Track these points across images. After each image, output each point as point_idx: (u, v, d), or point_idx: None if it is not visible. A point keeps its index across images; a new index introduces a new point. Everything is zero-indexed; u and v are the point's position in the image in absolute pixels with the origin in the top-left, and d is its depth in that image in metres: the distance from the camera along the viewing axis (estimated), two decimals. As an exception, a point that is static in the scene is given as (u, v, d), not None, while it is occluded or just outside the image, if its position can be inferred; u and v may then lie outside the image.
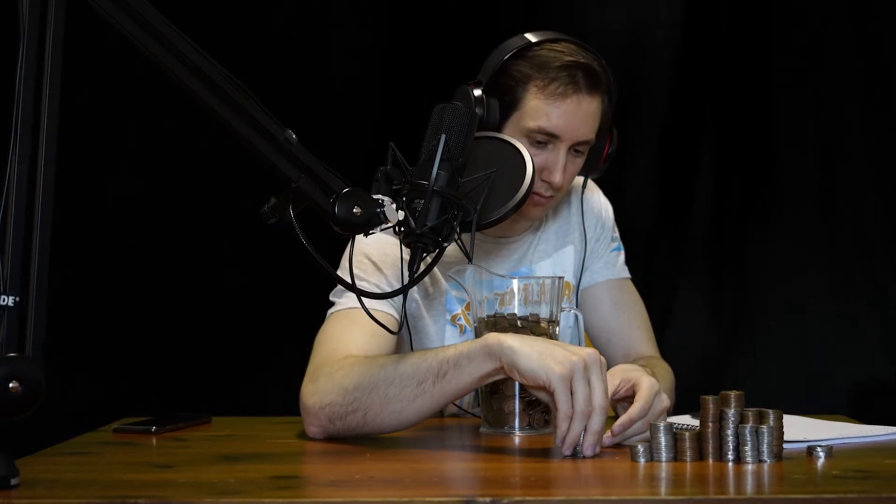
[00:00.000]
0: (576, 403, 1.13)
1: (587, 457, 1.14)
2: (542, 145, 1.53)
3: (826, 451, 1.15)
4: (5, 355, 0.93)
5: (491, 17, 2.60)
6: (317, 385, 1.32)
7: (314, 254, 1.13)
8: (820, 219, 2.73)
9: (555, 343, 1.21)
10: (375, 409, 1.26)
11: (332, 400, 1.29)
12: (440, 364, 1.22)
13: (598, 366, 1.15)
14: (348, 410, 1.27)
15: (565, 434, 1.14)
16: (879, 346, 2.69)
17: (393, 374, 1.25)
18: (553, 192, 1.56)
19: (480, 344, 1.20)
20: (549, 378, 1.14)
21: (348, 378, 1.29)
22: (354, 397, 1.27)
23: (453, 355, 1.22)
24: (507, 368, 1.18)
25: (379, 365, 1.28)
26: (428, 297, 1.60)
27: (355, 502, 0.96)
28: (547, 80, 1.50)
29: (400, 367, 1.26)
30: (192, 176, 2.59)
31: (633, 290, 1.75)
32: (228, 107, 1.10)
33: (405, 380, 1.24)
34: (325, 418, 1.29)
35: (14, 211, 0.95)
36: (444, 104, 1.25)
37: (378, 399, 1.25)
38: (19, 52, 0.96)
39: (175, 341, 2.57)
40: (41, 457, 1.21)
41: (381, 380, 1.26)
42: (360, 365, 1.30)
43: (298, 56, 2.65)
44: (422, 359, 1.25)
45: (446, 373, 1.22)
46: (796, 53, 2.74)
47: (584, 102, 1.52)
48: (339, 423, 1.29)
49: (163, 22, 1.06)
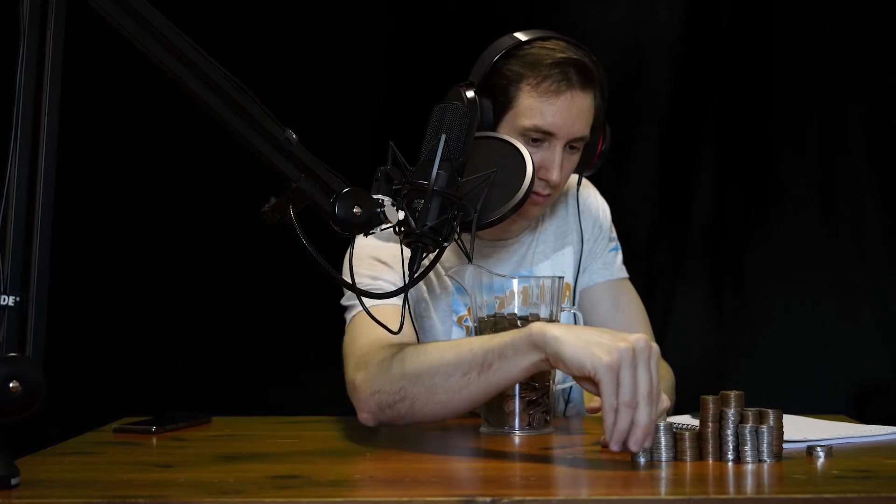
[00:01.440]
0: (621, 395, 1.07)
1: (635, 453, 1.08)
2: (537, 143, 1.53)
3: (826, 451, 1.15)
4: (5, 355, 0.93)
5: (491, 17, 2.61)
6: (367, 372, 1.31)
7: (314, 254, 1.13)
8: (820, 219, 2.73)
9: (602, 330, 1.14)
10: (422, 398, 1.24)
11: (380, 388, 1.27)
12: (485, 354, 1.19)
13: (648, 353, 1.09)
14: (396, 399, 1.26)
15: (612, 427, 1.08)
16: (879, 346, 2.69)
17: (439, 363, 1.23)
18: (550, 191, 1.56)
19: (525, 334, 1.16)
20: (594, 367, 1.08)
21: (395, 366, 1.27)
22: (401, 386, 1.25)
23: (499, 345, 1.18)
24: (551, 358, 1.13)
25: (425, 353, 1.26)
26: (435, 298, 1.60)
27: (355, 502, 0.96)
28: (540, 78, 1.50)
29: (446, 355, 1.23)
30: (193, 176, 2.59)
31: (631, 290, 1.75)
32: (228, 107, 1.10)
33: (450, 370, 1.22)
34: (374, 406, 1.28)
35: (14, 211, 0.95)
36: (444, 104, 1.25)
37: (424, 389, 1.23)
38: (19, 52, 0.96)
39: (175, 341, 2.57)
40: (41, 457, 1.21)
41: (427, 369, 1.24)
42: (408, 352, 1.28)
43: (298, 56, 2.65)
44: (467, 348, 1.22)
45: (491, 363, 1.19)
46: (796, 53, 2.74)
47: (577, 99, 1.52)
48: (389, 411, 1.27)
49: (163, 22, 1.06)
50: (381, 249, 1.51)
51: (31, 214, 0.96)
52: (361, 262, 1.51)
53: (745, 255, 2.76)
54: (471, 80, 1.54)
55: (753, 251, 2.75)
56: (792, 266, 2.73)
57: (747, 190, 2.77)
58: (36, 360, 0.94)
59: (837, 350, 2.70)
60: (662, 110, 2.77)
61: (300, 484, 1.02)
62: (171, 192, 2.59)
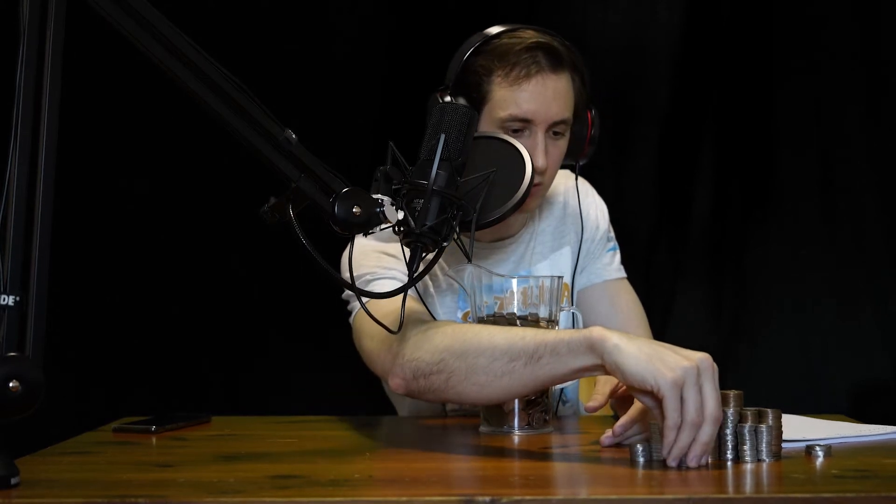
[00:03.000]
0: (686, 413, 1.05)
1: (691, 467, 1.07)
2: (518, 133, 1.52)
3: (825, 451, 1.15)
4: (5, 355, 0.93)
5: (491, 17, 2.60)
6: (404, 338, 1.28)
7: (314, 253, 1.13)
8: (820, 219, 2.73)
9: (663, 345, 1.11)
10: (460, 375, 1.21)
11: (420, 356, 1.25)
12: (537, 346, 1.16)
13: (712, 372, 1.07)
14: (433, 370, 1.23)
15: (672, 444, 1.06)
16: (879, 346, 2.69)
17: (487, 345, 1.20)
18: (540, 179, 1.54)
19: (584, 335, 1.13)
20: (657, 384, 1.06)
21: (440, 337, 1.24)
22: (442, 357, 1.22)
23: (553, 340, 1.15)
24: (609, 366, 1.10)
25: (475, 332, 1.23)
26: (441, 294, 1.60)
27: (355, 502, 0.96)
28: (509, 67, 1.50)
29: (495, 338, 1.20)
30: (193, 176, 2.59)
31: (630, 290, 1.75)
32: (228, 107, 1.10)
33: (497, 353, 1.18)
34: (409, 372, 1.26)
35: (14, 210, 0.95)
36: (443, 104, 1.26)
37: (465, 366, 1.21)
38: (19, 52, 0.96)
39: (175, 341, 2.57)
40: (41, 457, 1.21)
41: (474, 347, 1.21)
42: (453, 327, 1.26)
43: (298, 56, 2.65)
44: (520, 336, 1.18)
45: (541, 357, 1.15)
46: (796, 53, 2.74)
47: (549, 81, 1.51)
48: (423, 380, 1.24)
49: (163, 22, 1.06)
50: (386, 245, 1.51)
51: (31, 214, 0.96)
52: (368, 256, 1.51)
53: (745, 255, 2.76)
54: (446, 84, 1.53)
55: (753, 251, 2.75)
56: (792, 266, 2.73)
57: (747, 190, 2.77)
58: (36, 360, 0.94)
59: (837, 350, 2.70)
60: (662, 110, 2.77)
61: (300, 484, 1.02)
62: (171, 192, 2.60)
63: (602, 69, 1.60)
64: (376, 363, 1.36)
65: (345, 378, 1.97)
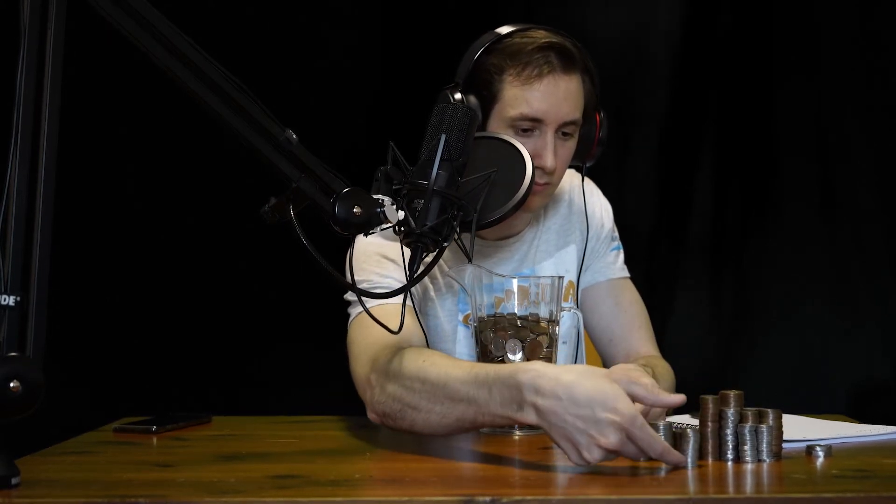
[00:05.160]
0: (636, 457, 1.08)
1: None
2: (528, 133, 1.52)
3: (825, 451, 1.15)
4: (6, 355, 0.93)
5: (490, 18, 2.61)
6: (379, 376, 1.31)
7: (314, 254, 1.13)
8: (820, 219, 2.73)
9: (585, 418, 1.07)
10: (419, 424, 1.25)
11: (384, 400, 1.28)
12: (478, 395, 1.18)
13: (634, 423, 1.06)
14: (397, 416, 1.27)
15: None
16: (879, 346, 2.69)
17: (440, 394, 1.22)
18: (548, 179, 1.54)
19: (512, 386, 1.13)
20: (580, 463, 1.09)
21: (397, 385, 1.27)
22: (401, 407, 1.26)
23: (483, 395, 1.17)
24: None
25: (433, 381, 1.23)
26: (441, 296, 1.60)
27: (355, 502, 0.96)
28: (521, 66, 1.50)
29: (448, 387, 1.21)
30: (193, 176, 2.59)
31: (633, 290, 1.75)
32: (228, 107, 1.10)
33: (446, 405, 1.21)
34: (380, 412, 1.30)
35: (15, 211, 0.95)
36: (444, 104, 1.26)
37: (420, 418, 1.24)
38: (20, 53, 0.96)
39: (175, 341, 2.57)
40: (41, 457, 1.21)
41: (426, 399, 1.23)
42: (417, 369, 1.26)
43: (298, 56, 2.65)
44: (471, 380, 1.19)
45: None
46: (796, 54, 2.74)
47: (561, 81, 1.51)
48: (391, 421, 1.29)
49: (163, 22, 1.06)
50: (387, 247, 1.51)
51: (32, 214, 0.96)
52: (368, 259, 1.51)
53: (745, 255, 2.76)
54: (456, 81, 1.53)
55: (753, 251, 2.75)
56: (792, 266, 2.73)
57: (747, 190, 2.77)
58: (36, 360, 0.94)
59: (837, 350, 2.70)
60: (662, 110, 2.77)
61: (300, 484, 1.02)
62: (171, 192, 2.60)
63: (602, 70, 1.59)
64: (358, 389, 1.40)
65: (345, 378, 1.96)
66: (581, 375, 1.10)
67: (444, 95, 1.52)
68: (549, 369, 1.12)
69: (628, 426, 1.05)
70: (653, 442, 1.06)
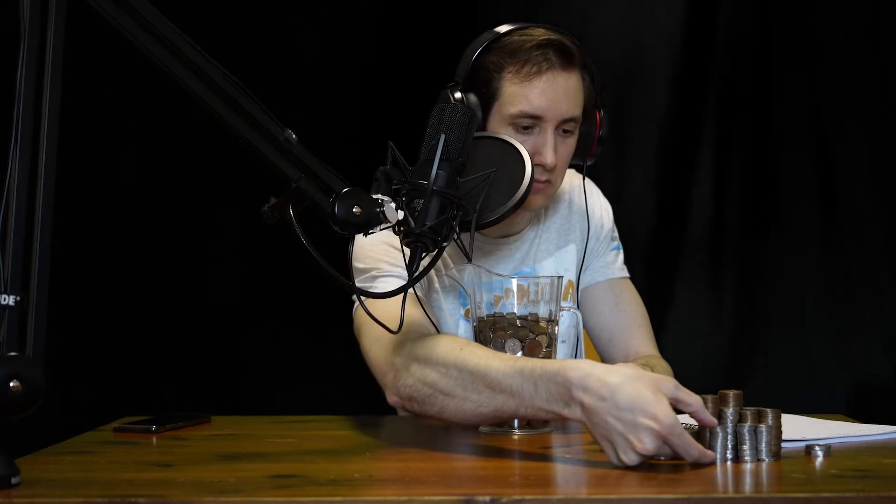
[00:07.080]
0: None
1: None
2: (528, 130, 1.52)
3: (824, 451, 1.15)
4: (6, 355, 0.93)
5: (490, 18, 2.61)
6: (405, 358, 1.30)
7: (314, 253, 1.13)
8: (820, 219, 2.73)
9: (625, 421, 1.09)
10: (450, 410, 1.24)
11: (413, 384, 1.27)
12: (523, 387, 1.18)
13: (672, 430, 1.08)
14: (426, 401, 1.26)
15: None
16: (879, 346, 2.69)
17: (480, 381, 1.21)
18: (548, 176, 1.54)
19: (560, 384, 1.14)
20: (622, 464, 1.09)
21: (432, 369, 1.26)
22: (433, 392, 1.25)
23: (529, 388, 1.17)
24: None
25: (471, 367, 1.23)
26: (445, 290, 1.60)
27: (355, 502, 0.96)
28: (520, 64, 1.50)
29: (489, 376, 1.20)
30: (193, 176, 2.59)
31: (632, 290, 1.75)
32: (229, 106, 1.10)
33: (484, 395, 1.21)
34: (405, 395, 1.29)
35: (15, 211, 0.95)
36: (443, 104, 1.26)
37: (454, 404, 1.24)
38: (20, 53, 0.97)
39: (175, 341, 2.57)
40: (41, 456, 1.21)
41: (461, 385, 1.23)
42: (453, 355, 1.25)
43: (298, 56, 2.66)
44: (511, 372, 1.19)
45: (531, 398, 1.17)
46: (796, 53, 2.74)
47: (560, 78, 1.51)
48: (417, 406, 1.28)
49: (163, 22, 1.06)
50: (395, 237, 1.51)
51: (32, 214, 0.96)
52: (376, 248, 1.51)
53: (745, 255, 2.76)
54: (456, 80, 1.54)
55: (753, 251, 2.76)
56: (792, 266, 2.73)
57: (747, 190, 2.77)
58: (36, 360, 0.94)
59: (837, 350, 2.70)
60: (662, 110, 2.77)
61: (300, 483, 1.02)
62: (172, 192, 2.60)
63: (601, 69, 1.59)
64: (376, 371, 1.38)
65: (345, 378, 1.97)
66: (626, 379, 1.10)
67: (444, 94, 1.52)
68: (597, 369, 1.13)
69: (667, 434, 1.07)
70: (689, 448, 1.08)
